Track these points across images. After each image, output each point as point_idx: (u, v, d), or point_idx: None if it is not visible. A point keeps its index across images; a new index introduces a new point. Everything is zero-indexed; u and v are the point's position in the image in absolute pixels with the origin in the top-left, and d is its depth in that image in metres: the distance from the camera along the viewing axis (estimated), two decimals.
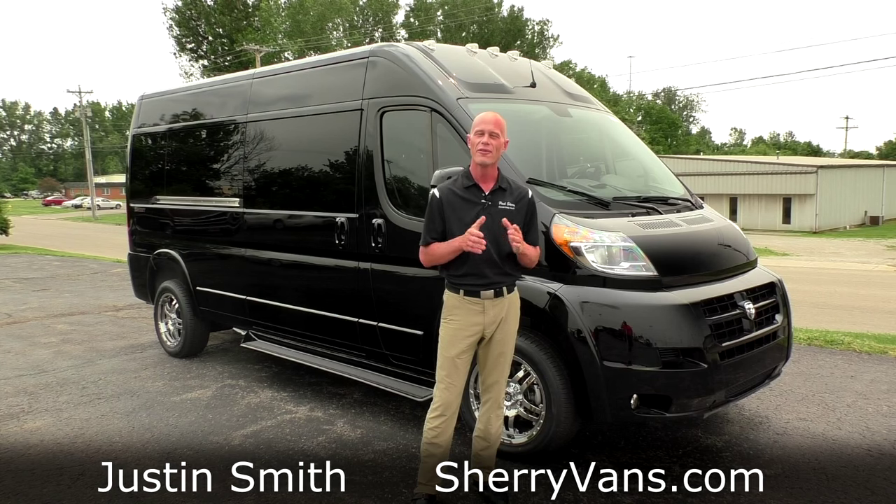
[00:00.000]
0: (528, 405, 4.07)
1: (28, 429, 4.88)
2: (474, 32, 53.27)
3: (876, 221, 42.34)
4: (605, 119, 5.61)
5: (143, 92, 7.64)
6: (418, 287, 4.51)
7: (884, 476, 3.89)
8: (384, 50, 4.92)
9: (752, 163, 42.85)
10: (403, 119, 4.73)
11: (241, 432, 4.71)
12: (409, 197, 4.66)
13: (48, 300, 10.76)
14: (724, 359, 3.84)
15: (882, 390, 5.49)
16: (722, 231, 4.65)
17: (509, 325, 3.43)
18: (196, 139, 6.79)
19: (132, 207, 7.64)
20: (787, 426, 4.69)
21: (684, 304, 3.80)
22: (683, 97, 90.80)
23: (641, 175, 5.32)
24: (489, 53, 5.33)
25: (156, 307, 7.18)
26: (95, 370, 6.46)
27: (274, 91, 5.87)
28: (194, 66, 49.70)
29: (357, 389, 5.59)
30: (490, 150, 3.29)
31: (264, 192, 5.83)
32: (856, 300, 11.86)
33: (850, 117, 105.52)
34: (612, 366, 3.72)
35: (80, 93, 51.53)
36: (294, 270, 5.61)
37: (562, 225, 3.97)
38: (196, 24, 49.15)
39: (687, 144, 75.28)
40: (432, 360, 3.68)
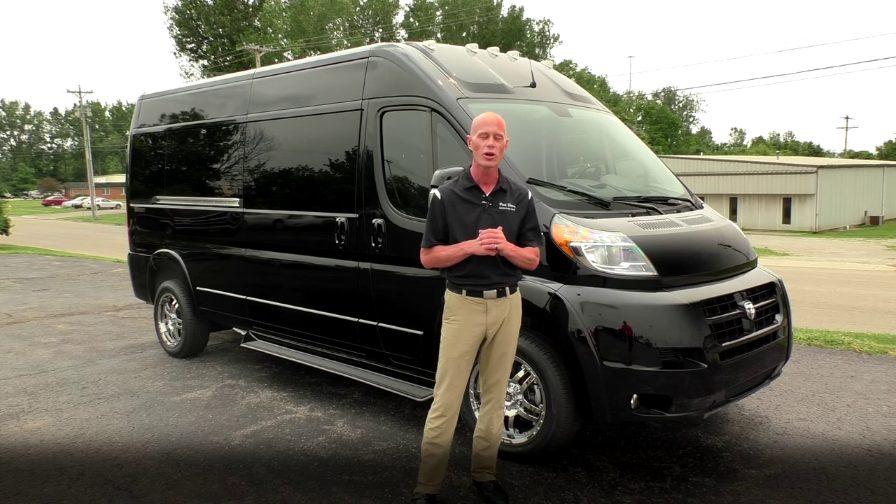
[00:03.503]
0: (528, 405, 4.07)
1: (28, 429, 4.88)
2: (474, 32, 53.30)
3: (876, 221, 42.37)
4: (605, 119, 5.61)
5: (143, 92, 7.64)
6: (418, 287, 4.51)
7: (884, 476, 3.89)
8: (384, 50, 4.92)
9: (752, 163, 42.86)
10: (403, 119, 4.73)
11: (241, 432, 4.71)
12: (409, 197, 4.66)
13: (48, 300, 10.76)
14: (724, 359, 3.84)
15: (882, 390, 5.49)
16: (722, 231, 4.65)
17: (511, 325, 3.43)
18: (196, 139, 6.79)
19: (132, 207, 7.64)
20: (787, 426, 4.69)
21: (684, 304, 3.80)
22: (683, 97, 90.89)
23: (641, 175, 5.32)
24: (489, 53, 5.33)
25: (156, 307, 7.18)
26: (95, 370, 6.46)
27: (274, 91, 5.87)
28: (194, 66, 49.76)
29: (357, 389, 5.59)
30: (495, 154, 3.28)
31: (264, 192, 5.83)
32: (856, 300, 11.86)
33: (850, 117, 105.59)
34: (612, 366, 3.72)
35: (80, 93, 51.56)
36: (294, 270, 5.61)
37: (562, 225, 3.97)
38: (196, 24, 49.15)
39: (687, 144, 75.28)
40: (432, 360, 3.68)
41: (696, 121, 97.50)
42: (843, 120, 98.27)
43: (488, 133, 3.27)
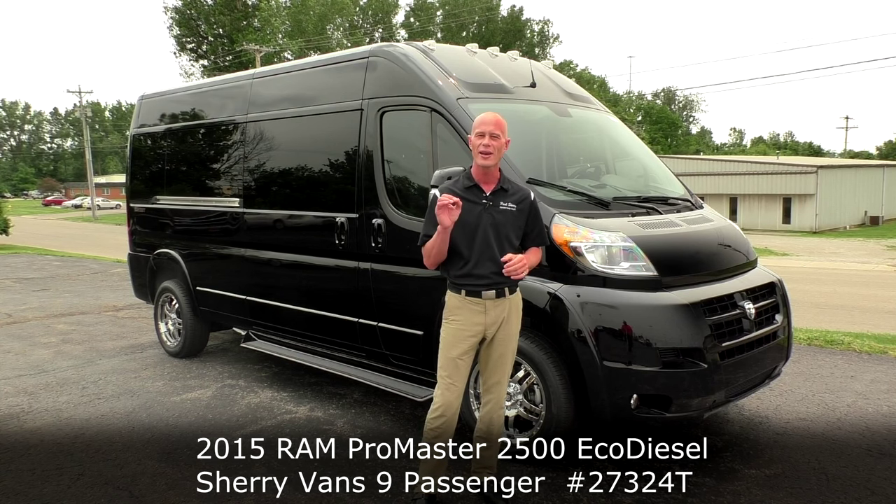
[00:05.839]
0: (528, 405, 4.07)
1: (28, 429, 4.88)
2: (474, 32, 53.29)
3: (876, 221, 42.33)
4: (605, 119, 5.61)
5: (143, 92, 7.63)
6: (418, 287, 4.51)
7: (884, 476, 3.89)
8: (384, 50, 4.92)
9: (752, 163, 42.85)
10: (403, 119, 4.73)
11: (241, 432, 4.71)
12: (409, 197, 4.66)
13: (48, 300, 10.76)
14: (724, 359, 3.84)
15: (882, 390, 5.49)
16: (722, 231, 4.65)
17: (511, 325, 3.43)
18: (196, 139, 6.79)
19: (132, 207, 7.64)
20: (787, 426, 4.69)
21: (684, 304, 3.80)
22: (683, 97, 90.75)
23: (641, 175, 5.33)
24: (489, 53, 5.33)
25: (156, 307, 7.18)
26: (95, 370, 6.46)
27: (274, 91, 5.87)
28: (194, 65, 49.67)
29: (357, 389, 5.59)
30: (491, 153, 3.28)
31: (264, 192, 5.83)
32: (856, 300, 11.86)
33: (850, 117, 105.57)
34: (612, 366, 3.72)
35: (80, 93, 51.54)
36: (294, 270, 5.60)
37: (562, 225, 3.97)
38: (196, 24, 49.11)
39: (687, 144, 75.23)
40: (432, 360, 3.68)
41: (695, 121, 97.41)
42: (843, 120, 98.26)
43: (484, 132, 3.27)
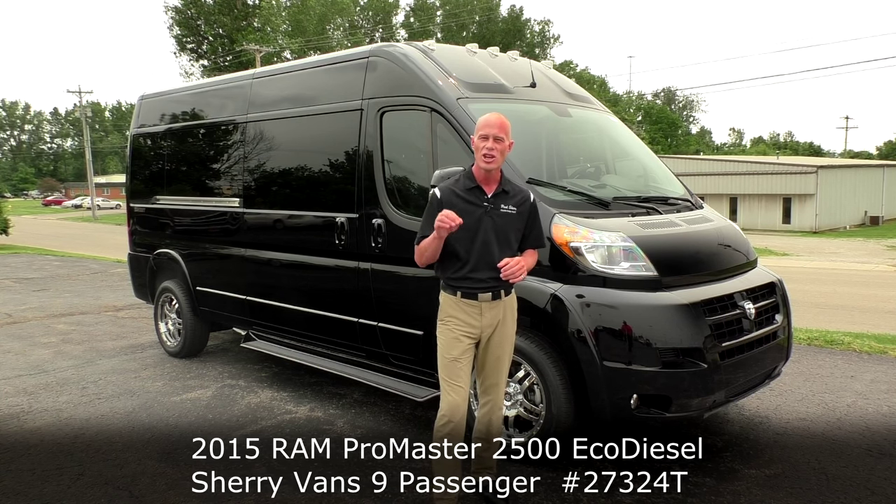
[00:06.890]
0: (528, 405, 4.07)
1: (28, 429, 4.88)
2: (474, 32, 53.26)
3: (876, 221, 42.33)
4: (605, 119, 5.61)
5: (143, 92, 7.63)
6: (418, 287, 4.51)
7: (884, 476, 3.89)
8: (384, 50, 4.92)
9: (752, 163, 42.84)
10: (403, 119, 4.73)
11: (241, 432, 4.71)
12: (409, 197, 4.66)
13: (48, 300, 10.76)
14: (724, 359, 3.84)
15: (882, 390, 5.49)
16: (722, 231, 4.65)
17: (507, 327, 3.40)
18: (196, 139, 6.79)
19: (132, 207, 7.64)
20: (787, 426, 4.69)
21: (684, 304, 3.80)
22: (683, 97, 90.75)
23: (641, 175, 5.33)
24: (489, 53, 5.33)
25: (156, 307, 7.18)
26: (95, 370, 6.46)
27: (274, 91, 5.87)
28: (194, 65, 49.66)
29: (357, 389, 5.59)
30: (494, 157, 3.22)
31: (264, 192, 5.83)
32: (856, 300, 11.86)
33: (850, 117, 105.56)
34: (612, 366, 3.72)
35: (80, 93, 51.53)
36: (294, 270, 5.61)
37: (562, 225, 3.96)
38: (196, 24, 49.09)
39: (687, 144, 75.18)
40: (432, 360, 3.67)
41: (695, 121, 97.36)
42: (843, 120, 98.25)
43: (488, 135, 3.21)
